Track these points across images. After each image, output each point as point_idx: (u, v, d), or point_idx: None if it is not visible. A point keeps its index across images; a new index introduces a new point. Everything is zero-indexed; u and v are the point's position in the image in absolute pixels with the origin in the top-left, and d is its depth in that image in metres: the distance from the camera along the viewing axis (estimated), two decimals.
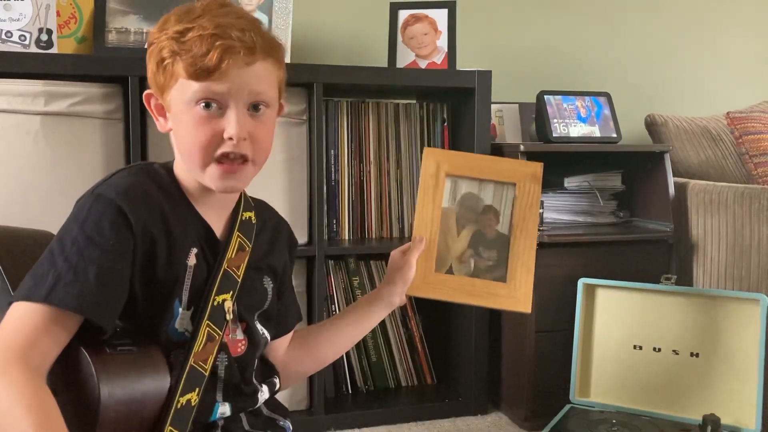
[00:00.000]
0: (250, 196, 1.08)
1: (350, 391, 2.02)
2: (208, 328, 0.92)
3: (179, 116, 0.93)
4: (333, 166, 1.99)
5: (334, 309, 1.98)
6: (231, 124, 0.91)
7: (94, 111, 1.66)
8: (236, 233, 1.00)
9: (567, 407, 1.77)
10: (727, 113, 2.38)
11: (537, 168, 1.30)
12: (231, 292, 0.97)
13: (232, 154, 0.92)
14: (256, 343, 1.02)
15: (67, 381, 0.85)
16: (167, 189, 0.95)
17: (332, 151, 1.98)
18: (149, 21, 1.81)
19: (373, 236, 2.04)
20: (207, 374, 0.92)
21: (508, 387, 1.97)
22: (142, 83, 1.61)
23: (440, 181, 1.29)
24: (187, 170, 0.96)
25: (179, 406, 0.88)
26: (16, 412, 0.75)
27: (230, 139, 0.91)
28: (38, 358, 0.80)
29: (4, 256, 0.94)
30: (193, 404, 0.90)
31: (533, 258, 1.27)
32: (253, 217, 1.04)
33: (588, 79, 2.53)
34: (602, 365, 1.81)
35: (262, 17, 1.89)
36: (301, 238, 1.87)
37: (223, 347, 0.96)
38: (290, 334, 1.16)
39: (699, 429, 1.59)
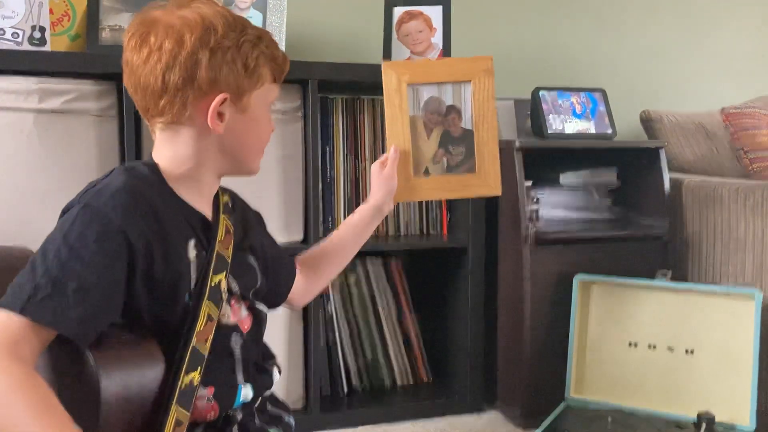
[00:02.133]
0: None
1: (346, 390, 2.01)
2: (208, 309, 0.94)
3: (257, 116, 1.02)
4: (328, 162, 1.98)
5: (330, 307, 1.98)
6: (272, 120, 1.08)
7: (88, 108, 1.65)
8: (222, 216, 1.03)
9: (562, 405, 1.77)
10: (723, 109, 2.38)
11: (488, 62, 1.41)
12: (224, 272, 0.98)
13: None
14: (260, 320, 1.06)
15: (64, 370, 0.85)
16: (156, 186, 0.96)
17: (327, 148, 1.98)
18: None
19: None
20: (206, 354, 0.92)
21: (503, 385, 1.97)
22: None
23: (403, 92, 1.39)
24: (238, 163, 1.03)
25: (183, 386, 0.89)
26: (10, 396, 0.75)
27: (272, 131, 1.08)
28: (24, 352, 0.80)
29: None
30: (195, 384, 0.90)
31: (497, 146, 1.40)
32: (229, 201, 1.09)
33: (583, 75, 2.53)
34: (598, 363, 1.82)
35: (257, 14, 1.88)
36: (297, 235, 1.86)
37: (235, 328, 0.99)
38: (298, 276, 1.23)
39: (694, 426, 1.60)
